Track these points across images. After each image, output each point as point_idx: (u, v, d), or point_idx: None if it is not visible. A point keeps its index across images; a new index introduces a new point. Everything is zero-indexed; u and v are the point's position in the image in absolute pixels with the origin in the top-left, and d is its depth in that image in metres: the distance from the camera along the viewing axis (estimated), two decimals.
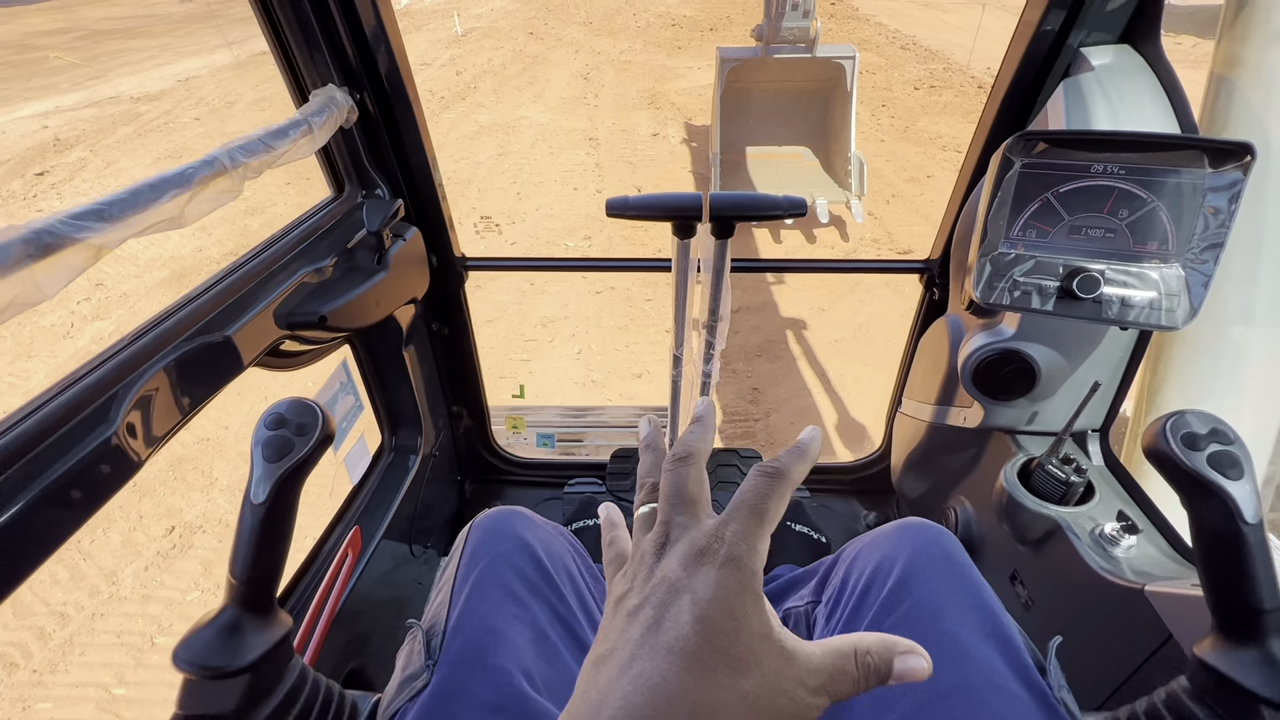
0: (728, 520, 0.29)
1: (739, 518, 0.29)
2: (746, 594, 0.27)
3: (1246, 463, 0.49)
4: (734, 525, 0.29)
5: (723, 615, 0.26)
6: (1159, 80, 0.86)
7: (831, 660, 0.28)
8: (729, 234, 0.99)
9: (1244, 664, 0.49)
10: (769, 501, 0.30)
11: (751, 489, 0.30)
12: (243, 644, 0.49)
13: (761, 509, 0.29)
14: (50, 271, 0.48)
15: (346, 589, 0.95)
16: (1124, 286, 0.77)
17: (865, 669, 0.28)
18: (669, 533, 0.30)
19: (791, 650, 0.27)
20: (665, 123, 6.72)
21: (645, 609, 0.28)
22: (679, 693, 0.25)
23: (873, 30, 10.79)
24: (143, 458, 0.62)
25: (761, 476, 0.30)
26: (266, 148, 0.74)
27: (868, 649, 0.28)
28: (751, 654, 0.26)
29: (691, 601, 0.27)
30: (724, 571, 0.27)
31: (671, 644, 0.26)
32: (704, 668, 0.25)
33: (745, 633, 0.27)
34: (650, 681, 0.25)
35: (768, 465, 0.31)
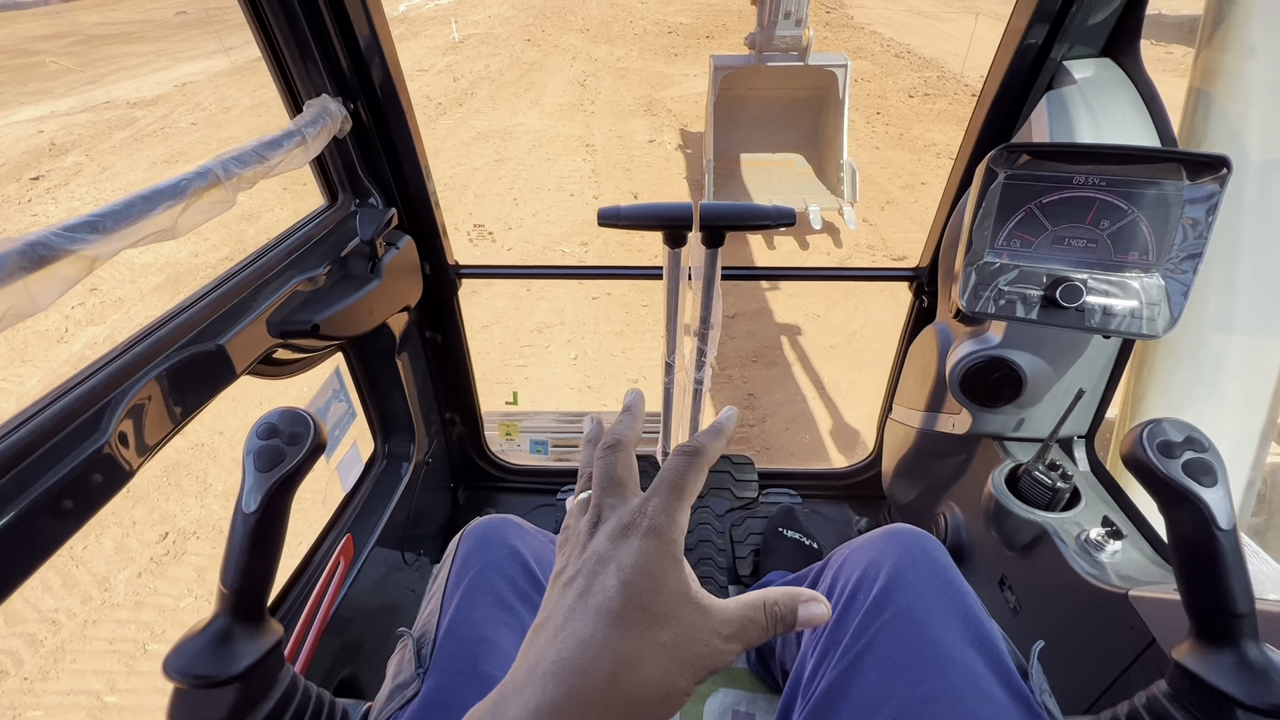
0: (649, 497, 0.33)
1: (659, 494, 0.32)
2: (666, 558, 0.31)
3: (1220, 470, 0.50)
4: (655, 501, 0.32)
5: (644, 578, 0.30)
6: (1139, 93, 0.88)
7: (742, 611, 0.32)
8: (719, 243, 1.00)
9: (1220, 668, 0.50)
10: (686, 477, 0.33)
11: (671, 467, 0.33)
12: (233, 653, 0.49)
13: (679, 484, 0.33)
14: (44, 283, 0.48)
15: (338, 597, 0.95)
16: (1106, 295, 0.79)
17: (772, 617, 0.32)
18: (600, 513, 0.34)
19: (707, 605, 0.31)
20: (661, 129, 6.76)
21: (577, 580, 0.31)
22: (604, 645, 0.28)
23: (867, 38, 10.87)
24: (134, 467, 0.63)
25: (680, 456, 0.34)
26: (260, 158, 0.75)
27: (775, 600, 0.32)
28: (670, 610, 0.30)
29: (616, 568, 0.30)
30: (645, 541, 0.31)
31: (598, 606, 0.30)
32: (626, 623, 0.29)
33: (664, 592, 0.30)
34: (579, 638, 0.29)
35: (686, 445, 0.34)
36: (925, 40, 10.54)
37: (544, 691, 0.28)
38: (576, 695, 0.28)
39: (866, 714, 0.57)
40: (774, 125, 5.07)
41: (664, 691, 0.29)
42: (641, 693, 0.28)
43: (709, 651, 0.30)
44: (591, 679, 0.28)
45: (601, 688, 0.28)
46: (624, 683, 0.28)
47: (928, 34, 11.04)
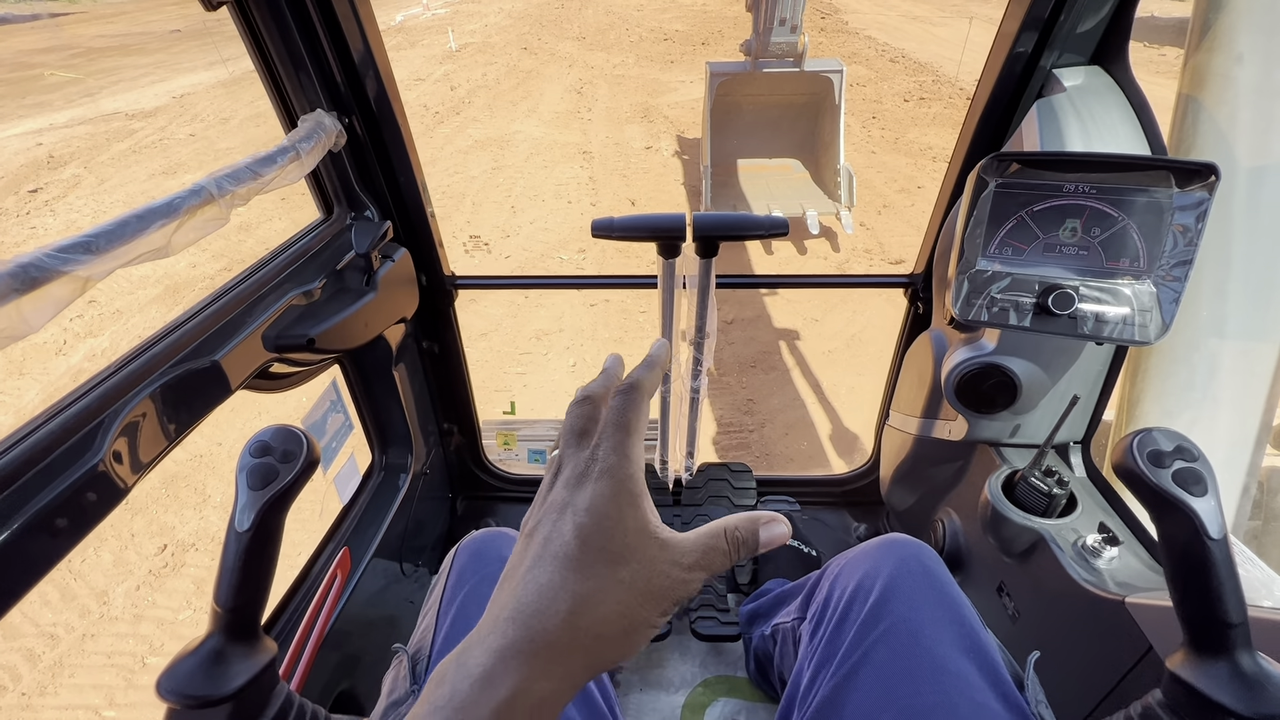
0: (599, 442, 0.33)
1: (607, 436, 0.33)
2: (620, 497, 0.32)
3: (1210, 479, 0.50)
4: (604, 444, 0.33)
5: (599, 519, 0.31)
6: (1129, 100, 0.89)
7: (703, 540, 0.33)
8: (713, 253, 1.00)
9: (1214, 678, 0.50)
10: (629, 414, 0.34)
11: (613, 408, 0.34)
12: (227, 672, 0.49)
13: (623, 423, 0.33)
14: (37, 304, 0.49)
15: (335, 612, 0.95)
16: (1098, 303, 0.79)
17: (734, 542, 0.33)
18: (560, 465, 0.35)
19: (666, 539, 0.32)
20: (658, 136, 6.78)
21: (539, 529, 0.32)
22: (561, 587, 0.30)
23: (862, 44, 10.93)
24: (129, 484, 0.63)
25: (619, 396, 0.35)
26: (254, 175, 0.75)
27: (735, 525, 0.33)
28: (628, 547, 0.31)
29: (572, 514, 0.31)
30: (599, 484, 0.32)
31: (555, 552, 0.31)
32: (583, 565, 0.30)
33: (620, 530, 0.31)
34: (538, 583, 0.30)
35: (623, 383, 0.35)
36: (919, 45, 10.60)
37: (504, 635, 0.29)
38: (535, 636, 0.29)
39: None
40: (770, 131, 5.09)
41: (625, 625, 0.30)
42: (602, 628, 0.30)
43: (671, 583, 0.31)
44: (550, 619, 0.29)
45: (560, 627, 0.29)
46: (582, 620, 0.29)
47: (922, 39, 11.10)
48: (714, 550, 0.32)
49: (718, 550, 0.32)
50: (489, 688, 0.28)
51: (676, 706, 1.14)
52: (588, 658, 0.30)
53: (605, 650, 0.30)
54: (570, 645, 0.29)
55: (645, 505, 0.32)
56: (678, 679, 1.19)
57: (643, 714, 1.13)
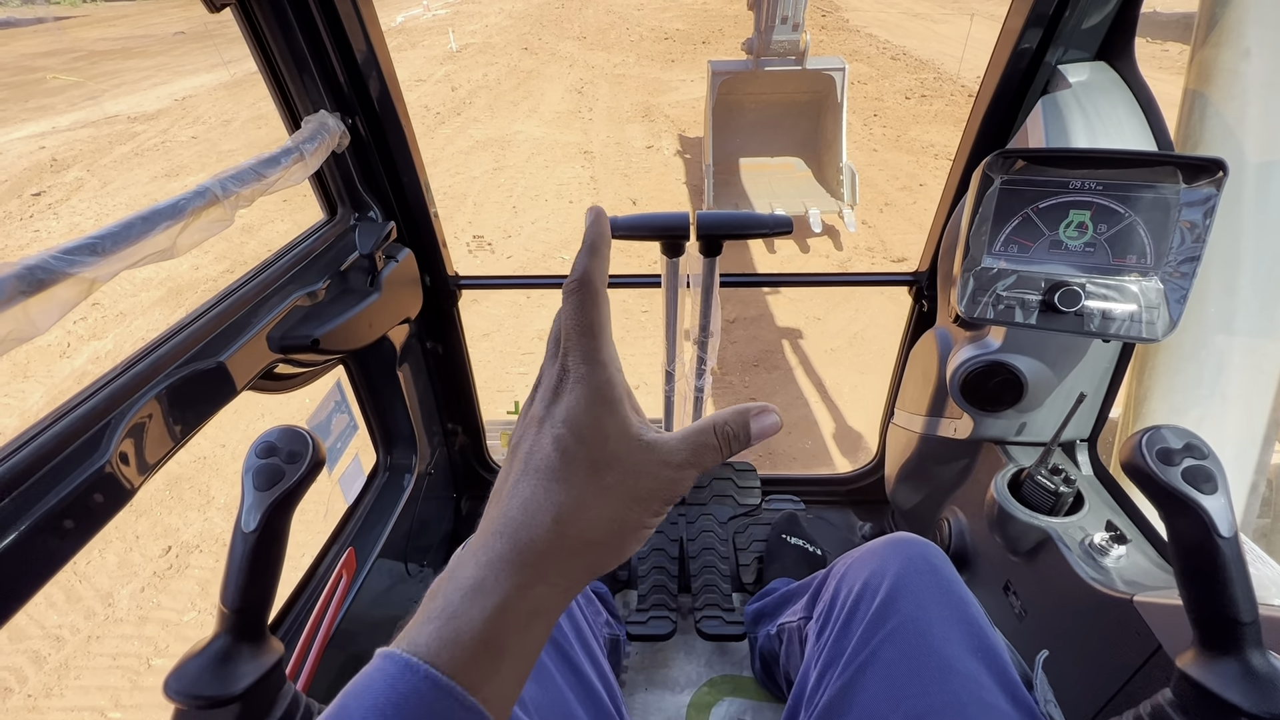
0: (566, 350, 0.32)
1: (571, 344, 0.32)
2: (596, 404, 0.31)
3: (1220, 477, 0.50)
4: (572, 353, 0.32)
5: (577, 429, 0.31)
6: (1135, 96, 0.88)
7: (692, 438, 0.32)
8: (717, 252, 1.00)
9: (1225, 676, 0.50)
10: (586, 314, 0.32)
11: (568, 313, 0.32)
12: (234, 672, 0.50)
13: (586, 324, 0.32)
14: (43, 306, 0.49)
15: (341, 612, 0.95)
16: (1105, 300, 0.78)
17: (724, 437, 0.32)
18: (540, 377, 0.34)
19: (651, 441, 0.32)
20: (659, 135, 6.78)
21: (521, 445, 0.32)
22: (544, 498, 0.30)
23: (863, 41, 10.91)
24: (135, 485, 0.63)
25: (569, 296, 0.32)
26: (258, 176, 0.75)
27: (725, 420, 0.32)
28: (611, 453, 0.31)
29: (550, 426, 0.31)
30: (573, 394, 0.31)
31: (538, 465, 0.31)
32: (564, 475, 0.30)
33: (600, 436, 0.31)
34: (522, 497, 0.30)
35: (568, 281, 0.33)
36: (921, 42, 10.57)
37: (492, 549, 0.29)
38: (522, 546, 0.29)
39: None
40: (772, 129, 5.08)
41: (615, 529, 0.30)
42: (591, 534, 0.30)
43: (660, 483, 0.31)
44: (535, 530, 0.29)
45: (546, 536, 0.29)
46: (569, 529, 0.29)
47: (923, 36, 11.07)
48: (703, 447, 0.32)
49: (707, 446, 0.32)
50: (479, 596, 0.28)
51: (682, 706, 1.14)
52: (581, 562, 0.30)
53: (598, 555, 0.31)
54: (560, 552, 0.29)
55: (623, 409, 0.32)
56: (683, 678, 1.19)
57: (648, 713, 1.13)
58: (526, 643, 0.29)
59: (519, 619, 0.28)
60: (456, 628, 0.27)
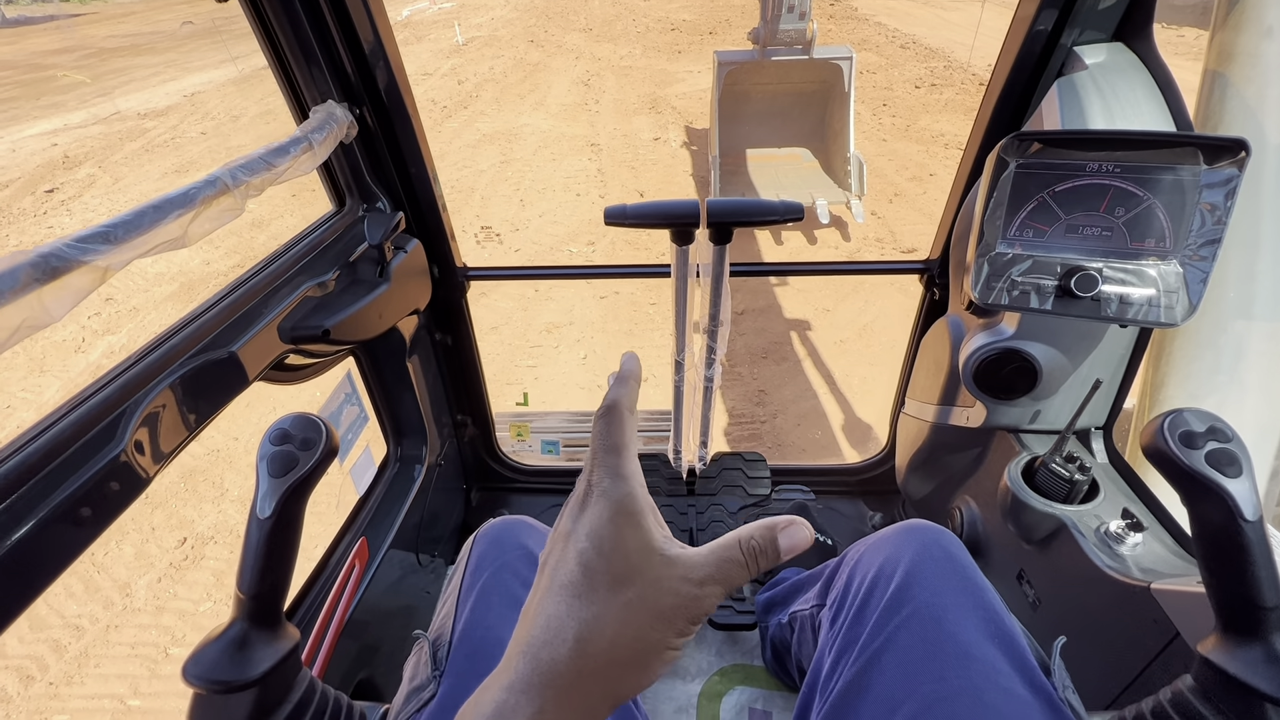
0: (591, 469, 0.33)
1: (597, 462, 0.33)
2: (618, 518, 0.31)
3: (1245, 460, 0.49)
4: (597, 470, 0.33)
5: (599, 543, 0.30)
6: (1153, 77, 0.86)
7: (717, 554, 0.31)
8: (727, 240, 0.99)
9: (1248, 662, 0.49)
10: (613, 434, 0.33)
11: (597, 433, 0.34)
12: (251, 658, 0.50)
13: (611, 444, 0.33)
14: (57, 295, 0.49)
15: (354, 600, 0.95)
16: (1122, 284, 0.77)
17: (751, 552, 0.31)
18: (570, 497, 0.34)
19: (674, 556, 0.31)
20: (666, 127, 6.74)
21: (549, 562, 0.32)
22: (567, 617, 0.30)
23: (872, 30, 10.78)
24: (151, 474, 0.63)
25: (599, 420, 0.34)
26: (268, 165, 0.75)
27: (751, 534, 0.32)
28: (632, 568, 0.30)
29: (574, 541, 0.31)
30: (595, 509, 0.31)
31: (562, 581, 0.31)
32: (586, 591, 0.30)
33: (622, 552, 0.30)
34: (546, 615, 0.30)
35: (601, 406, 0.34)
36: (931, 30, 10.44)
37: (516, 671, 0.29)
38: (544, 669, 0.29)
39: (886, 712, 0.56)
40: (779, 120, 5.04)
41: (638, 648, 0.30)
42: (613, 654, 0.29)
43: (682, 600, 0.30)
44: (558, 650, 0.29)
45: (568, 657, 0.29)
46: (590, 647, 0.29)
47: (933, 23, 10.93)
48: (728, 562, 0.31)
49: (732, 562, 0.31)
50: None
51: (693, 695, 1.15)
52: (604, 686, 0.29)
53: (621, 676, 0.30)
54: (581, 674, 0.29)
55: (646, 523, 0.31)
56: (694, 667, 1.19)
57: (659, 702, 1.14)
58: None
59: None
60: None
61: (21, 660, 1.96)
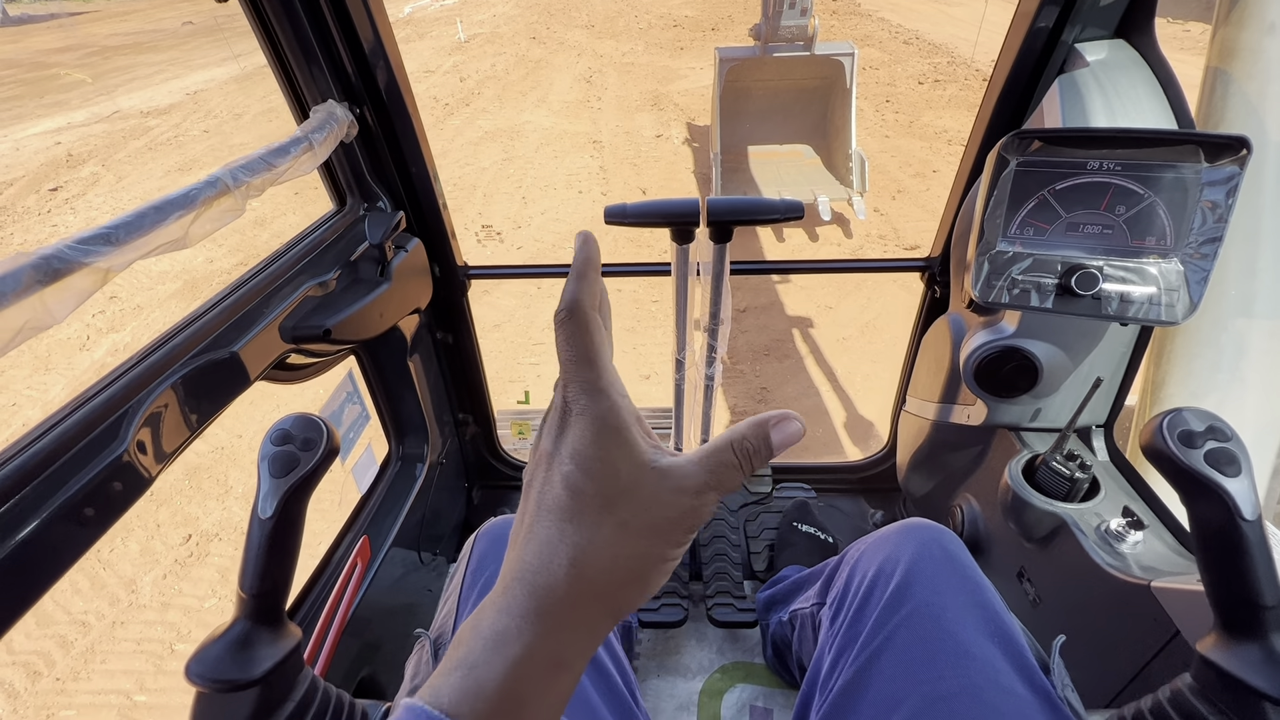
0: (565, 382, 0.31)
1: (569, 375, 0.31)
2: (602, 435, 0.29)
3: (1244, 459, 0.49)
4: (571, 385, 0.30)
5: (584, 464, 0.29)
6: (1155, 74, 0.86)
7: (709, 458, 0.30)
8: (727, 238, 0.99)
9: (1247, 661, 0.49)
10: (579, 342, 0.30)
11: (561, 342, 0.31)
12: (254, 657, 0.50)
13: (579, 353, 0.30)
14: (59, 296, 0.49)
15: (356, 599, 0.96)
16: (1123, 282, 0.77)
17: (744, 453, 0.30)
18: (549, 409, 0.33)
19: (666, 467, 0.30)
20: (668, 124, 6.73)
21: (533, 486, 0.31)
22: (560, 540, 0.29)
23: (875, 25, 10.74)
24: (153, 474, 0.64)
25: (558, 326, 0.31)
26: (268, 166, 0.75)
27: (743, 434, 0.30)
28: (623, 486, 0.29)
29: (558, 464, 0.30)
30: (576, 426, 0.30)
31: (549, 505, 0.30)
32: (575, 513, 0.29)
33: (609, 470, 0.29)
34: (538, 540, 0.29)
35: (557, 311, 0.31)
36: (934, 25, 10.39)
37: (512, 596, 0.29)
38: (541, 593, 0.28)
39: (885, 710, 0.56)
40: (781, 116, 5.03)
41: (636, 565, 0.29)
42: (611, 575, 0.29)
43: (679, 512, 0.29)
44: (554, 574, 0.28)
45: (565, 580, 0.28)
46: (586, 570, 0.28)
47: (936, 19, 10.88)
48: (722, 466, 0.30)
49: (726, 465, 0.30)
50: (502, 646, 0.28)
51: (694, 692, 1.15)
52: (603, 605, 0.29)
53: (620, 594, 0.29)
54: (580, 597, 0.28)
55: (632, 436, 0.30)
56: (695, 665, 1.20)
57: (660, 699, 1.14)
58: (551, 694, 0.28)
59: (542, 669, 0.28)
60: (479, 679, 0.27)
61: (29, 656, 1.97)
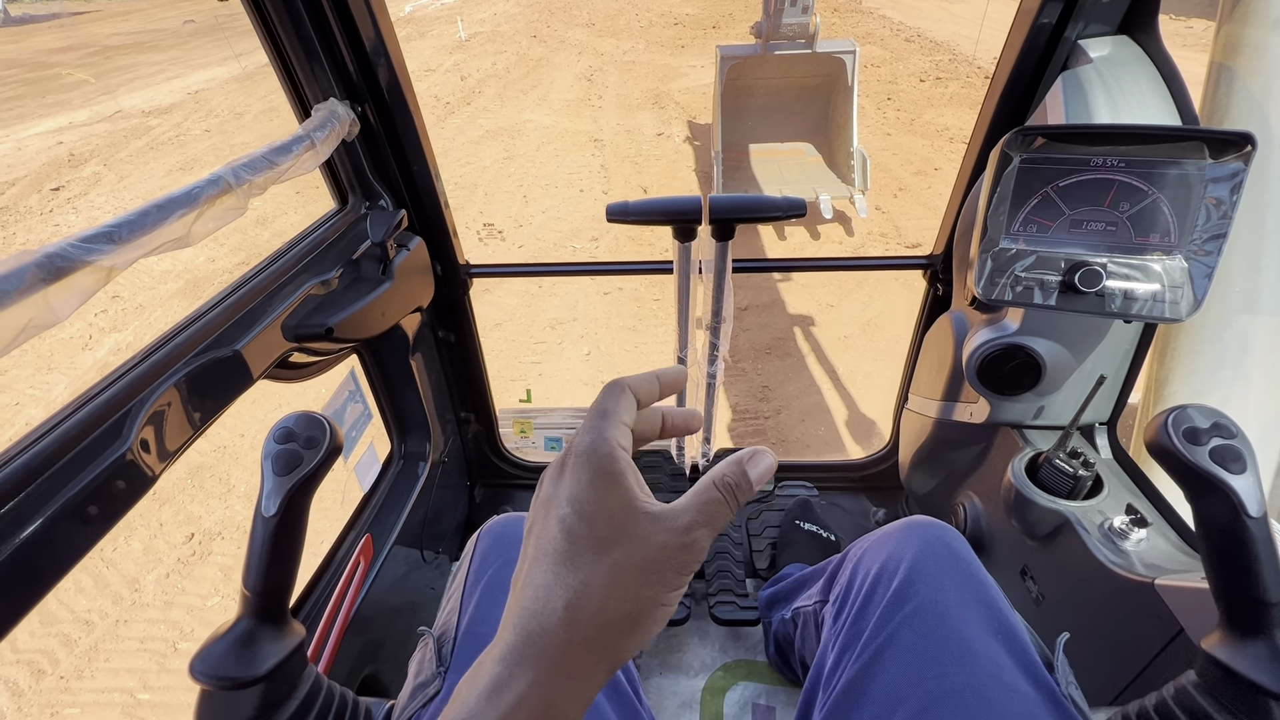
0: (577, 432, 0.33)
1: (583, 426, 0.33)
2: (598, 479, 0.30)
3: (1249, 456, 0.49)
4: (579, 433, 0.32)
5: (580, 507, 0.30)
6: (1158, 71, 0.86)
7: (696, 500, 0.31)
8: (729, 236, 0.99)
9: (1252, 658, 0.49)
10: (605, 400, 0.33)
11: (595, 400, 0.34)
12: (257, 654, 0.50)
13: (600, 408, 0.33)
14: (63, 294, 0.49)
15: (359, 597, 0.96)
16: (1127, 279, 0.77)
17: (727, 489, 0.31)
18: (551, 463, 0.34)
19: (657, 511, 0.31)
20: (669, 122, 6.72)
21: (533, 531, 0.32)
22: (555, 585, 0.29)
23: (876, 23, 10.71)
24: (157, 472, 0.64)
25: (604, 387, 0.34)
26: (270, 164, 0.75)
27: (723, 473, 0.32)
28: (615, 529, 0.30)
29: (556, 508, 0.31)
30: (574, 471, 0.31)
31: (546, 549, 0.30)
32: (571, 557, 0.29)
33: (603, 514, 0.30)
34: (535, 584, 0.30)
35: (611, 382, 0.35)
36: (936, 23, 10.36)
37: (508, 643, 0.29)
38: (535, 638, 0.29)
39: (889, 708, 0.56)
40: (782, 114, 5.02)
41: (631, 610, 0.29)
42: (605, 616, 0.29)
43: (670, 551, 0.30)
44: (548, 619, 0.29)
45: (559, 625, 0.28)
46: (581, 614, 0.29)
47: (938, 16, 10.85)
48: (709, 503, 0.31)
49: (713, 502, 0.31)
50: (496, 695, 0.28)
51: (696, 690, 1.15)
52: (598, 651, 0.29)
53: (617, 640, 0.29)
54: (574, 642, 0.28)
55: (627, 483, 0.31)
56: (697, 663, 1.20)
57: (663, 697, 1.14)
58: None
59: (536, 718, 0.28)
60: None
61: (33, 655, 1.98)
